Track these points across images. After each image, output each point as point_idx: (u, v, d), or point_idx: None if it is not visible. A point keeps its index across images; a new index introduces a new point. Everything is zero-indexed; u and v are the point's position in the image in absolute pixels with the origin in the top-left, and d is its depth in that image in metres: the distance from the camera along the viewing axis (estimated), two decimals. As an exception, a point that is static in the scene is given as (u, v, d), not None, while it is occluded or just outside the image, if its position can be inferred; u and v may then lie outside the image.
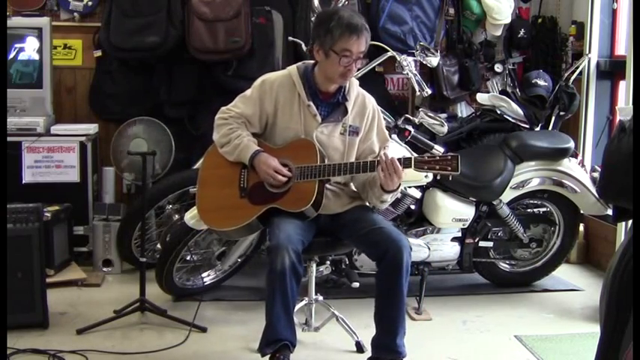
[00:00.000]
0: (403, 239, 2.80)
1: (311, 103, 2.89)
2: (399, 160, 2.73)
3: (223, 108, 2.98)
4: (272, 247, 2.70)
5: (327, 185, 2.92)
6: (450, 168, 2.68)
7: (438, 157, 2.72)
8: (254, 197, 2.87)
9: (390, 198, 2.88)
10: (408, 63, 3.69)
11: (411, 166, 2.72)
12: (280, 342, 2.73)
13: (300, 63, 3.00)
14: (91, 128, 4.40)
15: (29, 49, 4.22)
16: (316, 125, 2.89)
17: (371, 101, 3.02)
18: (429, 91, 3.80)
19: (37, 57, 4.23)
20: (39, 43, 4.22)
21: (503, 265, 4.10)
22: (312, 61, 2.94)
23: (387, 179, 2.73)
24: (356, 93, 2.97)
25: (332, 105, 2.94)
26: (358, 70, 3.72)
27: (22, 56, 4.22)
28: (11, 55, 4.20)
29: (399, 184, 2.80)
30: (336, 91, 2.92)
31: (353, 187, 3.02)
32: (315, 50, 2.86)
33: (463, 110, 4.95)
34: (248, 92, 2.96)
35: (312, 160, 2.82)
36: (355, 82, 3.00)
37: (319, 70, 2.90)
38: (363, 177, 2.90)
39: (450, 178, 3.51)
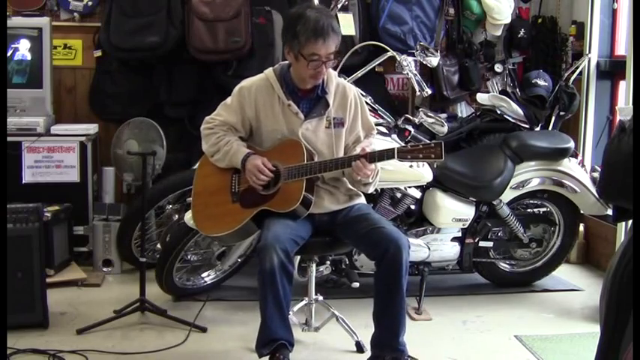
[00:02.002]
0: (402, 238, 2.81)
1: (291, 102, 2.89)
2: (381, 152, 2.73)
3: (207, 118, 3.01)
4: (260, 248, 2.72)
5: (320, 184, 2.92)
6: (433, 155, 2.64)
7: (421, 146, 2.68)
8: (245, 201, 2.89)
9: (371, 179, 2.87)
10: (408, 63, 3.68)
11: (394, 157, 2.70)
12: (276, 342, 2.74)
13: (276, 65, 3.01)
14: (91, 128, 4.40)
15: (23, 48, 4.22)
16: (300, 123, 2.89)
17: (352, 90, 3.02)
18: (429, 91, 3.80)
19: (29, 56, 4.23)
20: (30, 43, 4.22)
21: (503, 265, 4.10)
22: (288, 62, 2.94)
23: (357, 175, 2.76)
24: (335, 84, 2.96)
25: (313, 100, 2.94)
26: (361, 69, 3.76)
27: (17, 56, 4.22)
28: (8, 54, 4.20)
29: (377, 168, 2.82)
30: (314, 86, 2.92)
31: (348, 185, 3.01)
32: (287, 52, 2.87)
33: (463, 110, 4.95)
34: (228, 100, 2.99)
35: (299, 159, 2.82)
36: (333, 74, 2.99)
37: (293, 71, 2.91)
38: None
39: (435, 166, 3.53)
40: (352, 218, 2.94)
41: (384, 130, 3.59)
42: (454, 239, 3.83)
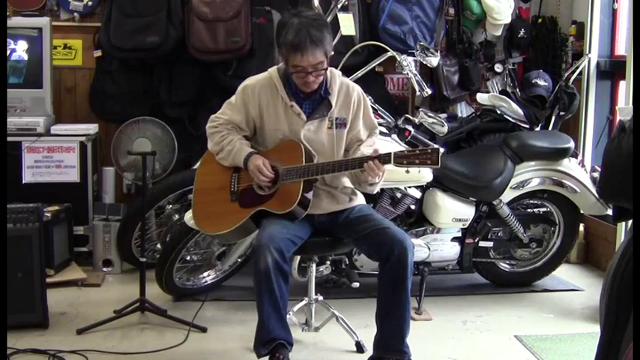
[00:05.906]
0: (407, 239, 2.80)
1: (294, 103, 2.88)
2: (379, 156, 2.70)
3: (212, 116, 3.00)
4: (255, 248, 2.73)
5: (318, 185, 2.91)
6: (429, 162, 2.62)
7: (417, 151, 2.66)
8: (243, 201, 2.89)
9: (377, 179, 2.82)
10: (408, 63, 3.68)
11: (390, 162, 2.68)
12: (274, 341, 2.74)
13: (280, 64, 2.97)
14: (91, 128, 4.40)
15: (20, 49, 4.22)
16: (302, 124, 2.88)
17: (355, 89, 2.99)
18: (429, 91, 3.80)
19: (26, 56, 4.23)
20: (30, 43, 4.23)
21: (504, 265, 4.10)
22: None
23: (369, 176, 2.72)
24: (339, 84, 2.94)
25: (315, 101, 2.92)
26: (361, 69, 3.76)
27: (13, 56, 4.22)
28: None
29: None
30: (317, 87, 2.89)
31: (346, 184, 2.98)
32: (281, 57, 2.87)
33: (463, 110, 4.96)
34: (233, 99, 2.98)
35: (298, 161, 2.81)
36: (337, 73, 2.97)
37: None
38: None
39: (432, 172, 3.53)
40: (354, 219, 2.93)
41: (384, 130, 3.59)
42: (454, 239, 3.83)
